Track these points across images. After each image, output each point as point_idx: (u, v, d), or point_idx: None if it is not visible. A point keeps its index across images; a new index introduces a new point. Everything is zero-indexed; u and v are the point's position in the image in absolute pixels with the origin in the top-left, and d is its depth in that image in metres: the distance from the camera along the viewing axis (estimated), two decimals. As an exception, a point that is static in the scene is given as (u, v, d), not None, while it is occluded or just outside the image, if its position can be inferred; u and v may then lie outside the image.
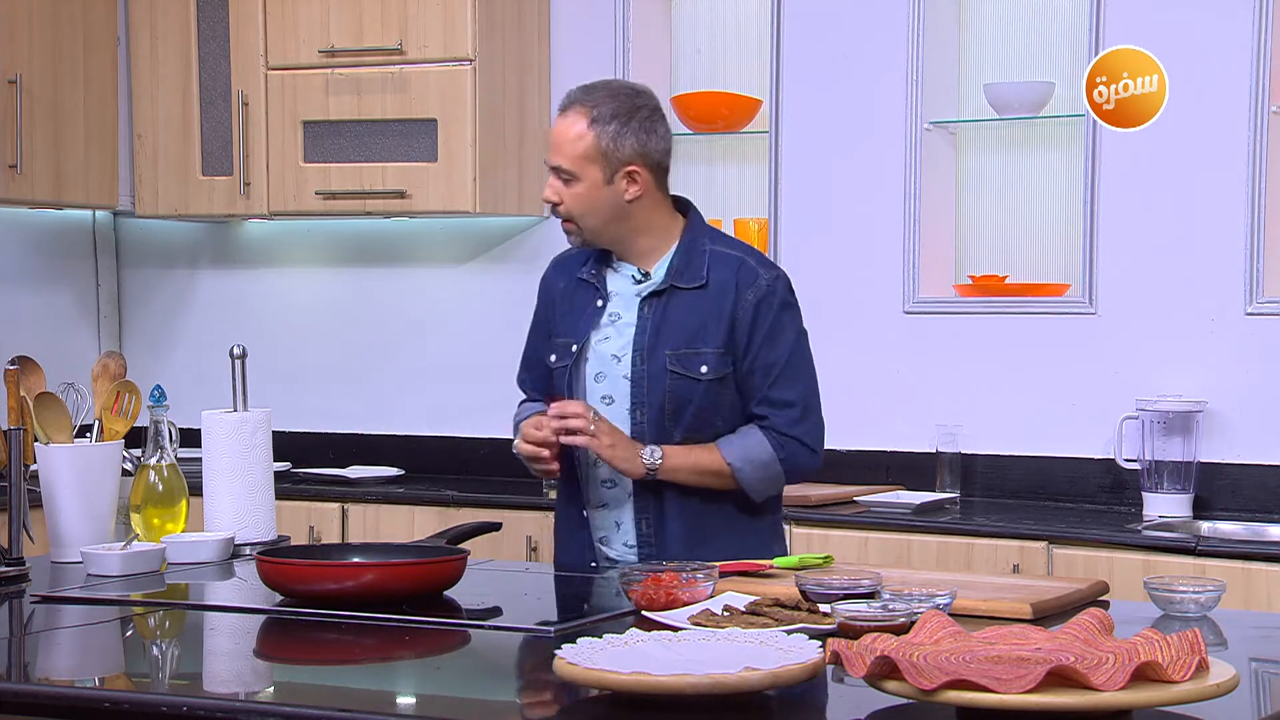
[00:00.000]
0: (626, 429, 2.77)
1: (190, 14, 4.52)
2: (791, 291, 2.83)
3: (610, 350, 2.80)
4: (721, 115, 4.30)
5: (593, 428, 2.69)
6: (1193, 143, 3.86)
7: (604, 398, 2.79)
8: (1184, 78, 3.80)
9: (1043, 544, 3.56)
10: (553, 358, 2.86)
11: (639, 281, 2.82)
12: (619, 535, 2.82)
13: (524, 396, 2.99)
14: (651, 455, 2.73)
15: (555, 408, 2.73)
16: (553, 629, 2.21)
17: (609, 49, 4.39)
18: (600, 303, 2.83)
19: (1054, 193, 4.11)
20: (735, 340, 2.76)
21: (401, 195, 4.31)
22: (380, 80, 4.32)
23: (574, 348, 2.82)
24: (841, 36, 4.19)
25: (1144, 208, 3.92)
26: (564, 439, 2.72)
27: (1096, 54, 3.88)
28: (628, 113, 2.76)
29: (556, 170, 2.77)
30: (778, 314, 2.78)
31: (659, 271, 2.81)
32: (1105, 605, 2.41)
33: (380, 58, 4.31)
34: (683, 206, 2.87)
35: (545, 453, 2.75)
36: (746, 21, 4.39)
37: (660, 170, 2.80)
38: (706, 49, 4.45)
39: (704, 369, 2.75)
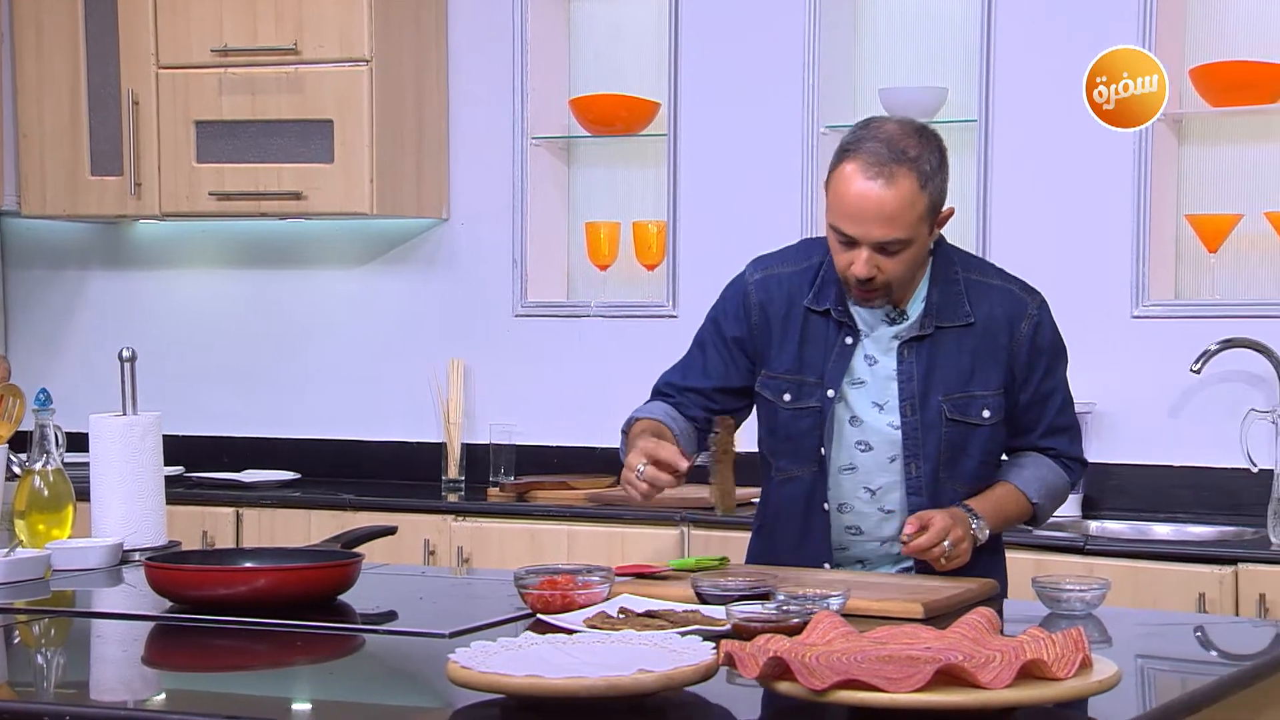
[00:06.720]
0: (887, 479, 2.57)
1: (78, 12, 4.43)
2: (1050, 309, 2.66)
3: (871, 398, 2.55)
4: (620, 117, 4.30)
5: (945, 558, 2.45)
6: (1078, 150, 3.92)
7: (859, 443, 2.57)
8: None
9: (936, 544, 3.59)
10: (786, 396, 2.57)
11: (893, 321, 2.56)
12: None
13: (651, 399, 2.65)
14: (979, 529, 2.52)
15: (914, 520, 2.44)
16: (447, 633, 2.20)
17: (507, 50, 4.37)
18: (850, 340, 2.56)
19: (950, 197, 4.14)
20: (1014, 377, 2.57)
21: (297, 197, 4.26)
22: (275, 80, 4.27)
23: (830, 392, 2.54)
24: (739, 39, 4.21)
25: (1031, 213, 3.98)
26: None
27: (989, 60, 3.93)
28: (941, 154, 2.53)
29: (881, 245, 2.45)
30: (1052, 342, 2.62)
31: (914, 307, 2.56)
32: (998, 604, 2.45)
33: (275, 58, 4.26)
34: None
35: (667, 478, 2.42)
36: (645, 24, 4.40)
37: None
38: (605, 51, 4.45)
39: (986, 413, 2.55)
